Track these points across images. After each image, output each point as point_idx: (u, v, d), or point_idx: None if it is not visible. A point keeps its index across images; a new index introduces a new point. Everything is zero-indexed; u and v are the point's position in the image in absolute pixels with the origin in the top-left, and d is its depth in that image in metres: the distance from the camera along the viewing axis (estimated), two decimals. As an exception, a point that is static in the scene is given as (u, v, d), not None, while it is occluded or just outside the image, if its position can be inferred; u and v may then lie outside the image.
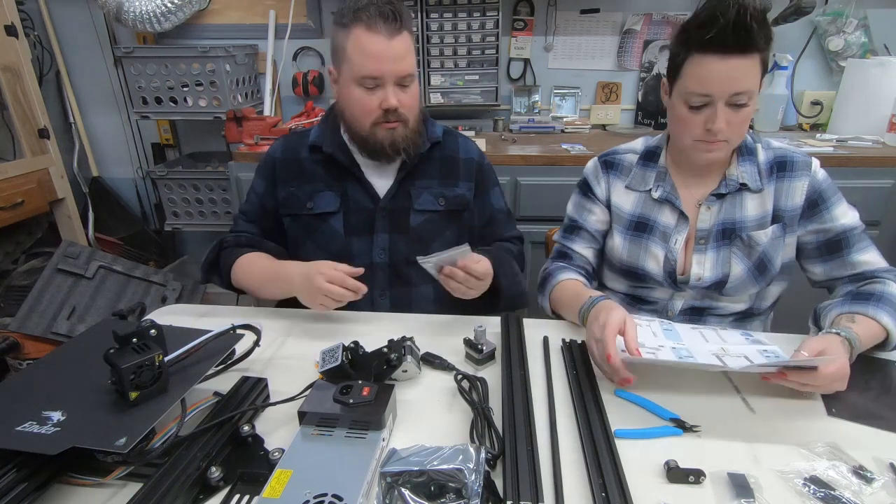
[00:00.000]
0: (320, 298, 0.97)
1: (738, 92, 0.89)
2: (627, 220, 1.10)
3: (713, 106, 0.91)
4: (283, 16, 2.29)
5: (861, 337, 0.84)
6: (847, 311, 0.90)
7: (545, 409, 0.79)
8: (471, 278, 0.97)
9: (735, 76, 0.88)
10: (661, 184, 1.07)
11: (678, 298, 1.09)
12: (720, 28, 0.85)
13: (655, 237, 1.07)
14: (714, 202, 1.04)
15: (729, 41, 0.86)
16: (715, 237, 1.04)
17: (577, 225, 1.16)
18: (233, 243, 1.19)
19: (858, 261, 1.00)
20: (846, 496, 0.63)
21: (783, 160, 1.02)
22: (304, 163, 1.17)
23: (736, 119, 0.92)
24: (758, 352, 0.88)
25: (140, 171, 2.65)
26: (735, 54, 0.87)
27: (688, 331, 0.97)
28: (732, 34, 0.85)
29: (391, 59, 1.01)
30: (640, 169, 1.10)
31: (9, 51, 2.13)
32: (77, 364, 0.77)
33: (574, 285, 1.08)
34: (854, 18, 2.10)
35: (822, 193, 1.01)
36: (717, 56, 0.88)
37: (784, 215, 1.02)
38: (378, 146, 1.09)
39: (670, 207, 1.06)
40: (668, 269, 1.06)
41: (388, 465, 0.59)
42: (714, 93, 0.90)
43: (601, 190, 1.13)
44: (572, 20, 2.28)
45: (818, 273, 1.05)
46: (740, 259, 1.03)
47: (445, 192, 1.19)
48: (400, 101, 1.05)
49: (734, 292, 1.05)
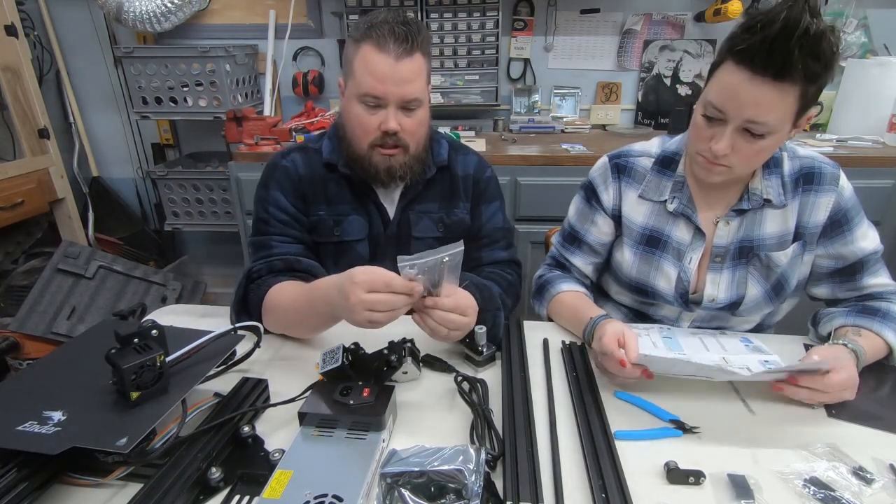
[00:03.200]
0: (364, 314, 0.76)
1: (756, 121, 0.79)
2: (639, 233, 1.02)
3: (725, 125, 0.82)
4: (283, 16, 2.29)
5: (866, 351, 0.83)
6: (853, 324, 0.90)
7: (545, 410, 0.79)
8: (449, 316, 0.81)
9: (758, 102, 0.77)
10: (677, 195, 0.98)
11: (686, 318, 1.04)
12: (755, 42, 0.74)
13: (668, 254, 1.00)
14: (734, 217, 0.96)
15: (759, 60, 0.75)
16: (732, 256, 0.97)
17: (579, 237, 1.09)
18: (264, 271, 1.01)
19: (868, 284, 0.96)
20: (846, 497, 0.63)
21: (810, 172, 0.93)
22: (328, 183, 1.11)
23: (747, 149, 0.82)
24: (759, 362, 0.88)
25: (140, 171, 2.65)
26: (766, 78, 0.75)
27: (687, 337, 0.96)
28: (767, 53, 0.73)
29: (395, 81, 0.96)
30: (654, 176, 1.00)
31: (9, 51, 2.13)
32: (77, 364, 0.77)
33: (574, 299, 1.04)
34: (854, 18, 2.10)
35: (847, 213, 0.93)
36: (746, 72, 0.77)
37: (805, 232, 0.95)
38: (373, 170, 1.04)
39: (685, 222, 0.98)
40: (681, 290, 1.00)
41: (389, 466, 0.59)
42: (729, 112, 0.80)
43: (608, 197, 1.04)
44: (572, 20, 2.28)
45: (822, 293, 1.01)
46: (757, 281, 0.97)
47: (445, 218, 1.15)
48: (402, 126, 1.00)
49: (747, 314, 1.00)
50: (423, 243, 1.14)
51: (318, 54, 2.40)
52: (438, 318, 0.81)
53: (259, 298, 0.97)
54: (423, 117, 1.04)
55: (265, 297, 0.97)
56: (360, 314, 0.76)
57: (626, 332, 0.83)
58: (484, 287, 0.96)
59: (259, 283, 0.99)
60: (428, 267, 0.76)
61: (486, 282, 1.01)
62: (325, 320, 0.92)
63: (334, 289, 0.82)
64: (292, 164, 1.11)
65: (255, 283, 1.00)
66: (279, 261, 1.03)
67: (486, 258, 1.16)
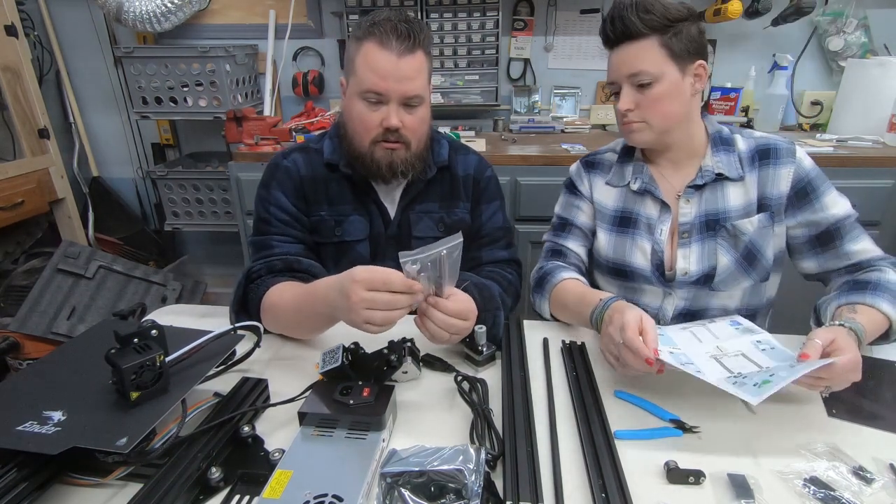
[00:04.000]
0: (364, 313, 0.75)
1: (632, 73, 0.95)
2: (611, 215, 1.11)
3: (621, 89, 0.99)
4: (283, 16, 2.29)
5: (866, 327, 0.82)
6: (846, 302, 0.89)
7: (545, 410, 0.79)
8: (450, 321, 0.81)
9: (625, 60, 0.96)
10: (638, 175, 1.08)
11: (669, 302, 1.08)
12: (605, 25, 0.97)
13: (640, 230, 1.07)
14: (693, 194, 1.04)
15: (610, 34, 0.97)
16: (698, 229, 1.04)
17: (568, 222, 1.15)
18: (264, 271, 1.01)
19: (852, 251, 0.99)
20: (846, 497, 0.63)
21: (766, 147, 1.02)
22: (329, 183, 1.11)
23: (645, 99, 0.97)
24: (752, 343, 0.87)
25: (140, 171, 2.65)
26: (622, 43, 0.96)
27: (678, 332, 0.95)
28: (611, 27, 0.96)
29: (397, 78, 0.97)
30: (618, 166, 1.12)
31: (9, 51, 2.13)
32: (77, 364, 0.77)
33: (576, 286, 1.05)
34: (854, 18, 2.10)
35: (811, 182, 1.00)
36: (611, 48, 0.99)
37: (770, 203, 1.01)
38: (375, 166, 1.04)
39: (651, 198, 1.07)
40: (656, 261, 1.06)
41: (389, 466, 0.59)
42: (616, 78, 0.99)
43: (585, 188, 1.15)
44: (572, 20, 2.28)
45: (811, 267, 1.05)
46: (726, 250, 1.03)
47: (445, 218, 1.15)
48: (403, 123, 1.01)
49: (724, 286, 1.04)
50: (424, 243, 1.11)
51: (318, 54, 2.40)
52: (440, 322, 0.81)
53: (258, 298, 0.97)
54: (424, 115, 1.05)
55: (264, 297, 0.96)
56: (359, 313, 0.75)
57: (645, 319, 0.81)
58: (484, 287, 0.96)
59: (258, 283, 0.99)
60: (430, 261, 0.76)
61: (486, 281, 1.01)
62: (325, 321, 0.92)
63: (334, 288, 0.81)
64: (293, 164, 1.11)
65: (254, 283, 1.00)
66: (279, 261, 1.02)
67: (486, 257, 1.16)
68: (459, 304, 0.83)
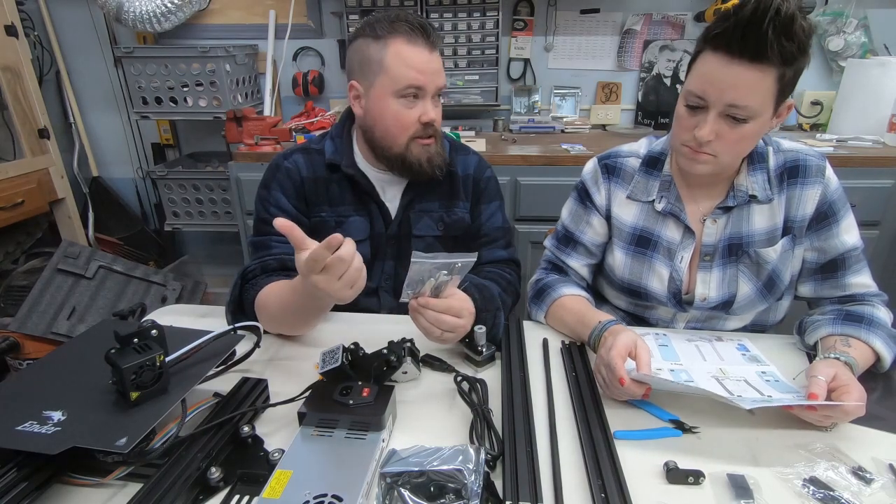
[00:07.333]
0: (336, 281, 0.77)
1: (737, 105, 0.80)
2: (629, 233, 1.03)
3: (707, 112, 0.83)
4: (283, 16, 2.29)
5: (858, 362, 0.82)
6: (840, 333, 0.88)
7: (545, 410, 0.79)
8: (441, 317, 0.83)
9: (737, 85, 0.79)
10: (665, 194, 0.99)
11: (681, 319, 1.05)
12: (730, 26, 0.76)
13: (659, 254, 1.00)
14: (720, 215, 0.96)
15: (735, 44, 0.77)
16: (721, 253, 0.98)
17: (574, 238, 1.09)
18: (258, 271, 1.01)
19: (851, 283, 0.96)
20: (845, 497, 0.63)
21: (795, 165, 0.94)
22: (330, 184, 1.11)
23: (730, 135, 0.83)
24: (756, 374, 0.86)
25: (140, 171, 2.65)
26: (742, 60, 0.77)
27: (683, 344, 0.95)
28: (741, 37, 0.76)
29: (433, 71, 1.01)
30: (642, 177, 1.01)
31: (9, 51, 2.13)
32: (77, 364, 0.77)
33: (576, 303, 1.02)
34: (854, 18, 2.10)
35: (833, 204, 0.93)
36: (724, 57, 0.79)
37: (794, 226, 0.95)
38: (415, 162, 1.06)
39: (675, 221, 0.99)
40: (674, 289, 1.00)
41: (388, 466, 0.60)
42: (709, 97, 0.82)
43: (601, 198, 1.05)
44: (572, 20, 2.28)
45: (806, 291, 1.01)
46: (748, 278, 0.97)
47: (445, 217, 1.16)
48: (436, 116, 1.04)
49: (741, 312, 1.00)
50: (423, 242, 1.14)
51: (318, 54, 2.40)
52: (431, 319, 0.83)
53: (252, 298, 0.97)
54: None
55: (257, 297, 0.96)
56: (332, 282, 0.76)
57: (640, 343, 0.79)
58: (483, 287, 0.96)
59: (253, 282, 0.99)
60: (439, 266, 0.79)
61: (486, 282, 1.01)
62: (312, 306, 0.91)
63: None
64: (294, 165, 1.11)
65: (249, 282, 1.00)
66: (273, 260, 1.03)
67: (485, 257, 1.16)
68: (452, 302, 0.84)
